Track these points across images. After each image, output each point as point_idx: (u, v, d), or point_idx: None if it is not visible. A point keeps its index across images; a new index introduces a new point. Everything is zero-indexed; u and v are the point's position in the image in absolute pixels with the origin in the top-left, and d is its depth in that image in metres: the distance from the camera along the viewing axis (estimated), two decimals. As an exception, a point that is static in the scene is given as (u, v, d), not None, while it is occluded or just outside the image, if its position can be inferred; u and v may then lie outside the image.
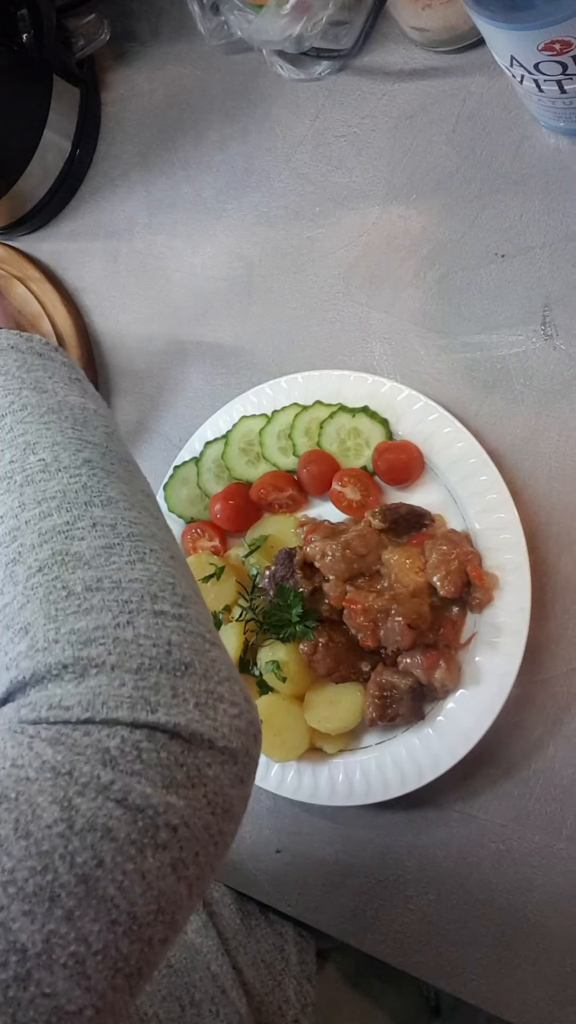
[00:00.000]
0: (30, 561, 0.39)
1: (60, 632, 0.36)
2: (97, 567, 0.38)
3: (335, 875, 0.70)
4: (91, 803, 0.32)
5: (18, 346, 0.49)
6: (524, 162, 0.66)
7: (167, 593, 0.39)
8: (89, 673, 0.35)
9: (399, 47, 0.71)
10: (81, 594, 0.37)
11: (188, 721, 0.35)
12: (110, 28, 0.83)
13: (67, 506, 0.41)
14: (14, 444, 0.43)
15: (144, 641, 0.36)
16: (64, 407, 0.46)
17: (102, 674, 0.35)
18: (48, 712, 0.34)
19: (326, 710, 0.67)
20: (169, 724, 0.34)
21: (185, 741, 0.34)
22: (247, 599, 0.70)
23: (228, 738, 0.36)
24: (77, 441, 0.44)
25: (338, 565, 0.65)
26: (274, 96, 0.77)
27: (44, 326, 0.86)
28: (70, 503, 0.41)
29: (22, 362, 0.48)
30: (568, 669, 0.63)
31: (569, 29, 0.49)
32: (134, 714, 0.34)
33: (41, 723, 0.34)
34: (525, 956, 0.63)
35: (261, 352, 0.77)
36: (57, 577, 0.38)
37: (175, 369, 0.82)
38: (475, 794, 0.65)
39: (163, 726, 0.34)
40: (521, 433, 0.66)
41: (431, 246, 0.70)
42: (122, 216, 0.85)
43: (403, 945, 0.67)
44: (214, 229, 0.80)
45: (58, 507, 0.41)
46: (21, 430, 0.44)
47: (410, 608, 0.63)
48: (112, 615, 0.37)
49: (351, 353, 0.73)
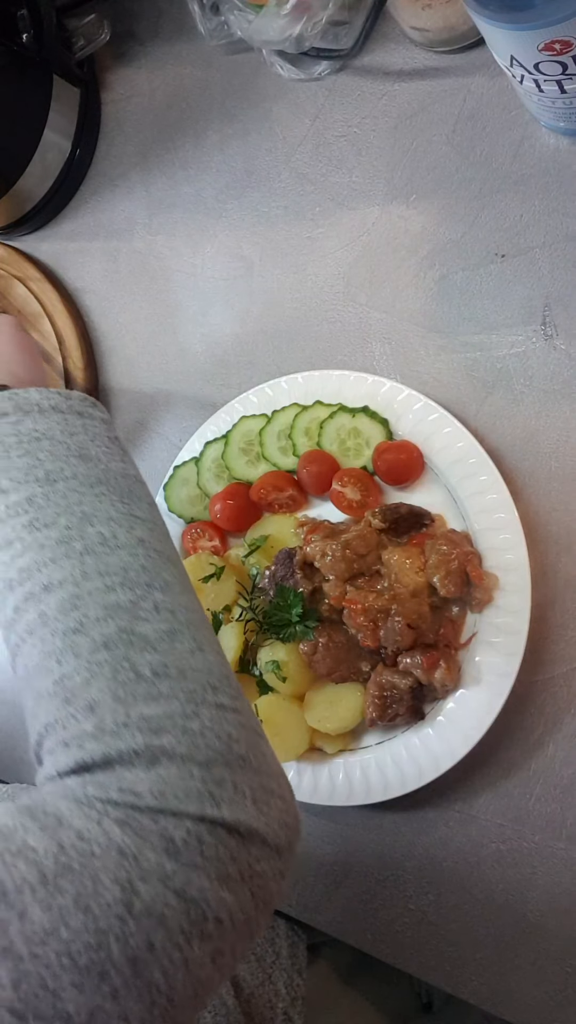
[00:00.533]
0: (94, 635, 0.39)
1: (130, 717, 0.37)
2: (163, 652, 0.39)
3: (335, 875, 0.70)
4: (152, 890, 0.33)
5: (59, 407, 0.50)
6: (524, 162, 0.66)
7: (225, 685, 0.40)
8: (160, 762, 0.36)
9: (399, 47, 0.71)
10: (150, 679, 0.38)
11: (247, 818, 0.36)
12: (110, 28, 0.83)
13: (130, 585, 0.41)
14: (71, 512, 0.44)
15: (209, 733, 0.37)
16: (110, 477, 0.47)
17: (172, 764, 0.36)
18: (119, 795, 0.35)
19: (326, 710, 0.67)
20: (230, 820, 0.36)
21: (241, 837, 0.36)
22: (247, 599, 0.70)
23: (277, 834, 0.37)
24: (128, 517, 0.45)
25: (338, 565, 0.65)
26: (274, 96, 0.77)
27: (44, 326, 0.86)
28: (132, 582, 0.41)
29: (65, 425, 0.49)
30: (568, 669, 0.63)
31: (569, 29, 0.49)
32: (201, 808, 0.35)
33: (109, 803, 0.35)
34: (525, 956, 0.63)
35: (261, 352, 0.77)
36: (125, 657, 0.39)
37: (175, 369, 0.82)
38: (475, 794, 0.65)
39: (224, 821, 0.35)
40: (521, 433, 0.66)
41: (431, 246, 0.70)
42: (122, 216, 0.85)
43: (403, 945, 0.67)
44: (214, 229, 0.80)
45: (121, 584, 0.41)
46: (76, 499, 0.45)
47: (410, 608, 0.63)
48: (180, 704, 0.38)
49: (351, 353, 0.73)
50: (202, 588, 0.71)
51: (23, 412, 0.49)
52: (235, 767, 0.37)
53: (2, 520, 0.44)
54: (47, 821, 0.35)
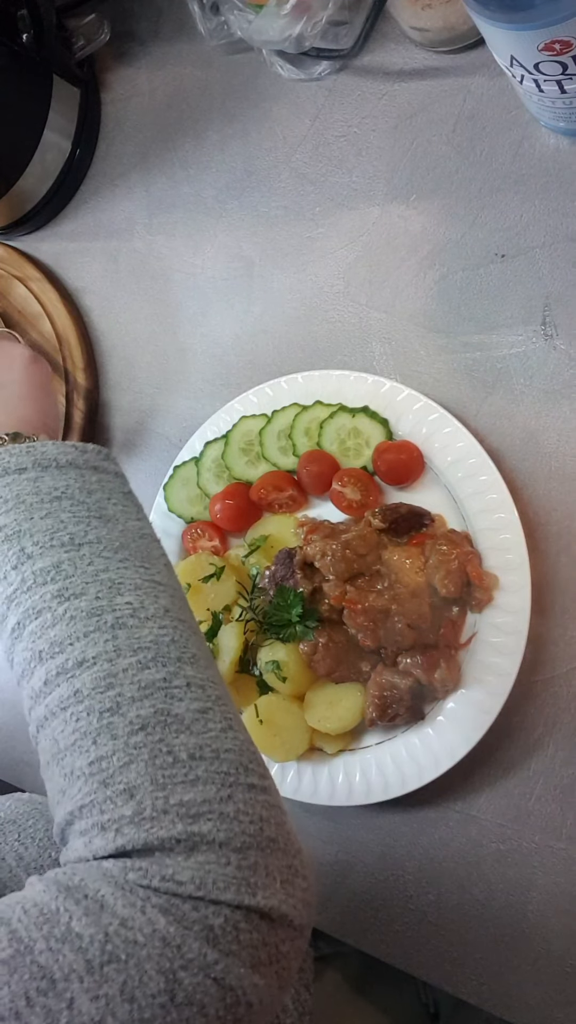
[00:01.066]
0: (131, 716, 0.40)
1: (169, 803, 0.37)
2: (197, 733, 0.40)
3: (335, 875, 0.70)
4: (193, 979, 0.34)
5: (76, 462, 0.50)
6: (524, 162, 0.66)
7: (255, 764, 0.41)
8: (199, 849, 0.37)
9: (399, 47, 0.71)
10: (187, 762, 0.39)
11: (277, 902, 0.37)
12: (110, 28, 0.83)
13: (162, 660, 0.42)
14: (99, 580, 0.44)
15: (243, 817, 0.38)
16: (130, 539, 0.47)
17: (211, 852, 0.37)
18: (160, 883, 0.36)
19: (326, 710, 0.67)
20: (264, 906, 0.37)
21: (272, 921, 0.37)
22: (247, 599, 0.70)
23: (301, 915, 0.38)
24: (152, 584, 0.45)
25: (338, 565, 0.65)
26: (274, 96, 0.77)
27: (44, 326, 0.86)
28: (164, 657, 0.42)
29: (82, 482, 0.49)
30: (568, 669, 0.63)
31: (569, 29, 0.49)
32: (239, 896, 0.36)
33: (151, 890, 0.36)
34: (525, 956, 0.63)
35: (261, 352, 0.77)
36: (162, 740, 0.39)
37: (175, 369, 0.82)
38: (475, 794, 0.65)
39: (259, 908, 0.36)
40: (521, 433, 0.66)
41: (431, 246, 0.70)
42: (122, 216, 0.85)
43: (403, 945, 0.67)
44: (214, 229, 0.80)
45: (154, 660, 0.41)
46: (103, 565, 0.45)
47: (410, 608, 0.63)
48: (216, 788, 0.38)
49: (351, 353, 0.73)
50: (202, 588, 0.71)
51: (42, 468, 0.48)
52: (267, 850, 0.38)
53: (30, 588, 0.44)
54: (90, 906, 0.35)
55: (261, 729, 0.68)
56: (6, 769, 0.89)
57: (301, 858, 0.40)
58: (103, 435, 0.85)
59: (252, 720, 0.68)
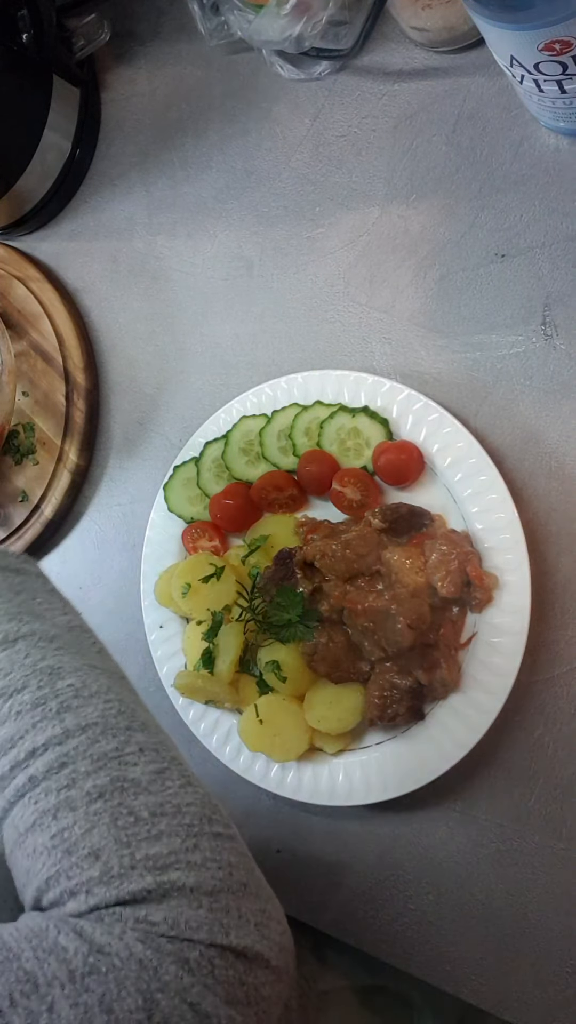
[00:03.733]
0: (87, 787, 0.40)
1: (136, 858, 0.38)
2: (156, 792, 0.41)
3: (335, 875, 0.70)
4: (170, 1002, 0.35)
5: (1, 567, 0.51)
6: (524, 162, 0.66)
7: (217, 816, 0.42)
8: (171, 895, 0.38)
9: (399, 47, 0.71)
10: (148, 819, 0.40)
11: (252, 943, 0.38)
12: (110, 28, 0.83)
13: (112, 732, 0.43)
14: (37, 670, 0.45)
15: (211, 864, 0.39)
16: (60, 630, 0.49)
17: (182, 896, 0.38)
18: (135, 924, 0.37)
19: (326, 710, 0.67)
20: (238, 946, 0.37)
21: (248, 961, 0.38)
22: (247, 599, 0.70)
23: (278, 957, 0.39)
24: (88, 667, 0.46)
25: (338, 565, 0.65)
26: (274, 96, 0.77)
27: (44, 326, 0.86)
28: (113, 729, 0.43)
29: (8, 583, 0.50)
30: (568, 669, 0.63)
31: (569, 29, 0.49)
32: (212, 936, 0.37)
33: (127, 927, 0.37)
34: (525, 956, 0.63)
35: (261, 352, 0.77)
36: (121, 803, 0.40)
37: (175, 369, 0.82)
38: (475, 794, 0.65)
39: (233, 947, 0.37)
40: (521, 433, 0.66)
41: (431, 246, 0.70)
42: (122, 216, 0.85)
43: (403, 945, 0.67)
44: (214, 229, 0.80)
45: (103, 733, 0.43)
46: (39, 655, 0.46)
47: (410, 608, 0.63)
48: (181, 839, 0.39)
49: (351, 353, 0.73)
50: (202, 588, 0.71)
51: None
52: (238, 894, 0.39)
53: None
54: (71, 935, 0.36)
55: (261, 729, 0.68)
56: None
57: (274, 903, 0.41)
58: (103, 435, 0.85)
59: (252, 720, 0.68)
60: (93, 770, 0.41)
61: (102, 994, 0.35)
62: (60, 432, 0.85)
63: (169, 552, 0.76)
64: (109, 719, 0.43)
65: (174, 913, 0.37)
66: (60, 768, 0.41)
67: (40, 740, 0.42)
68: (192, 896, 0.38)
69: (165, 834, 0.39)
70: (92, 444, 0.86)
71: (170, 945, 0.36)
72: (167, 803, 0.40)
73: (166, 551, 0.76)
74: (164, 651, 0.75)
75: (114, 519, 0.84)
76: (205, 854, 0.39)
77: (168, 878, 0.38)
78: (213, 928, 0.37)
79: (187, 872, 0.38)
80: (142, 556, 0.77)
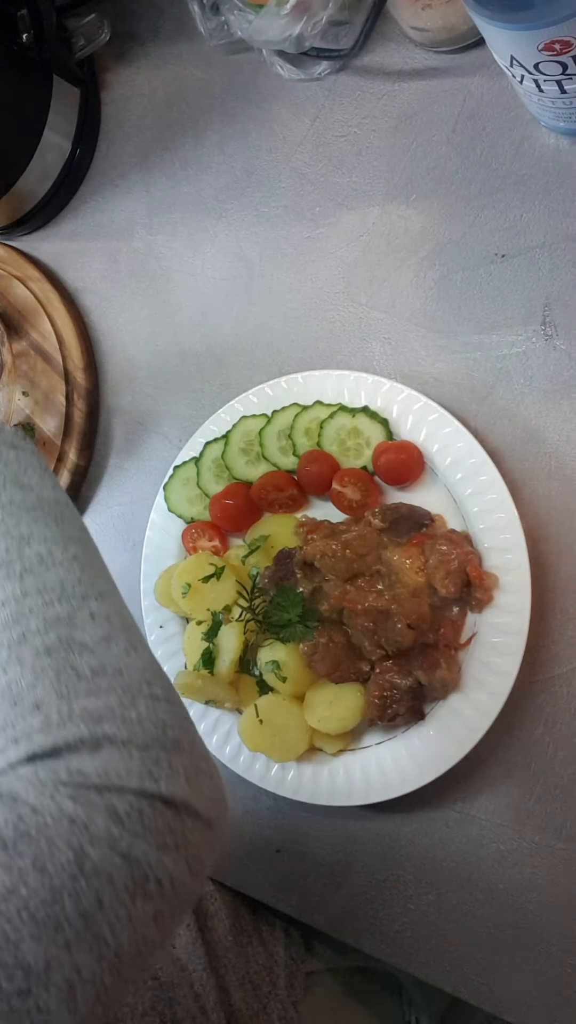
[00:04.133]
0: (37, 644, 0.43)
1: (74, 710, 0.41)
2: (100, 654, 0.43)
3: (335, 875, 0.70)
4: (100, 852, 0.37)
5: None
6: (524, 162, 0.66)
7: (157, 680, 0.44)
8: (103, 746, 0.40)
9: (399, 47, 0.71)
10: (90, 677, 0.42)
11: (181, 793, 0.40)
12: (110, 28, 0.83)
13: (67, 598, 0.45)
14: (8, 535, 0.47)
15: (145, 721, 0.41)
16: (44, 503, 0.50)
17: (114, 748, 0.40)
18: (67, 776, 0.39)
19: (326, 710, 0.67)
20: (167, 794, 0.39)
21: (177, 809, 0.40)
22: (247, 599, 0.70)
23: (208, 808, 0.41)
24: (63, 538, 0.49)
25: (338, 565, 0.65)
26: (274, 96, 0.77)
27: (44, 326, 0.86)
28: (69, 596, 0.45)
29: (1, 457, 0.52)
30: (568, 669, 0.63)
31: (569, 29, 0.49)
32: (141, 784, 0.39)
33: (60, 783, 0.39)
34: (525, 956, 0.63)
35: (261, 352, 0.77)
36: (66, 660, 0.42)
37: (175, 369, 0.82)
38: (475, 794, 0.65)
39: (162, 796, 0.39)
40: (521, 433, 0.66)
41: (431, 246, 0.70)
42: (122, 216, 0.85)
43: (403, 945, 0.67)
44: (214, 229, 0.80)
45: (59, 598, 0.45)
46: (13, 523, 0.48)
47: (410, 608, 0.63)
48: (118, 697, 0.42)
49: (351, 353, 0.73)
50: (202, 588, 0.71)
51: None
52: (170, 749, 0.41)
53: None
54: (5, 800, 0.38)
55: (261, 729, 0.68)
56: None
57: (207, 762, 0.43)
58: (103, 435, 0.85)
59: (252, 720, 0.68)
60: (44, 629, 0.43)
61: (34, 856, 0.36)
62: (60, 432, 0.85)
63: (169, 552, 0.76)
64: (68, 587, 0.45)
65: (105, 763, 0.39)
66: (14, 624, 0.43)
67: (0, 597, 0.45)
68: (124, 748, 0.40)
69: (103, 691, 0.41)
70: (92, 444, 0.86)
71: (100, 799, 0.38)
72: (109, 664, 0.43)
73: (166, 551, 0.76)
74: (164, 651, 0.75)
75: (114, 519, 0.84)
76: (140, 712, 0.41)
77: (102, 730, 0.40)
78: (143, 776, 0.39)
79: (121, 726, 0.40)
80: (142, 556, 0.77)
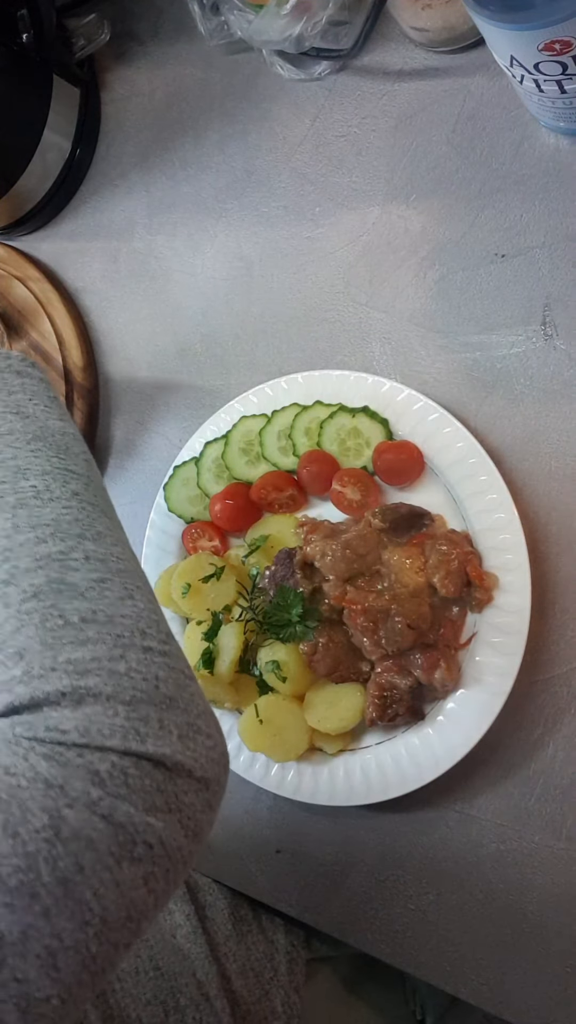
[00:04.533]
0: (24, 585, 0.40)
1: (57, 660, 0.38)
2: (91, 599, 0.40)
3: (335, 875, 0.70)
4: (78, 815, 0.35)
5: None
6: (524, 162, 0.66)
7: (153, 630, 0.41)
8: (86, 701, 0.37)
9: (399, 47, 0.71)
10: (78, 625, 0.39)
11: (172, 752, 0.37)
12: (110, 28, 0.83)
13: (61, 536, 0.42)
14: (4, 466, 0.45)
15: (135, 675, 0.38)
16: (47, 433, 0.47)
17: (97, 704, 0.37)
18: (45, 733, 0.36)
19: (326, 710, 0.67)
20: (155, 754, 0.37)
21: (167, 769, 0.37)
22: (247, 599, 0.70)
23: (204, 768, 0.39)
24: (64, 471, 0.46)
25: (338, 565, 0.65)
26: (274, 96, 0.77)
27: (44, 326, 0.86)
28: (64, 533, 0.42)
29: (2, 383, 0.49)
30: (568, 669, 0.63)
31: (569, 29, 0.49)
32: (125, 743, 0.36)
33: (36, 740, 0.36)
34: (525, 956, 0.63)
35: (261, 352, 0.77)
36: (53, 605, 0.39)
37: (175, 369, 0.82)
38: (475, 794, 0.65)
39: (149, 755, 0.37)
40: (521, 433, 0.66)
41: (431, 246, 0.70)
42: (122, 216, 0.85)
43: (403, 945, 0.67)
44: (214, 229, 0.80)
45: (52, 535, 0.42)
46: (11, 454, 0.45)
47: (410, 608, 0.63)
48: (106, 648, 0.39)
49: (351, 353, 0.73)
50: (202, 588, 0.71)
51: None
52: (161, 706, 0.38)
53: None
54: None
55: (261, 729, 0.68)
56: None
57: (207, 719, 0.40)
58: (103, 435, 0.85)
59: (252, 720, 0.68)
60: (33, 568, 0.40)
61: (5, 820, 0.34)
62: None
63: (169, 552, 0.76)
64: (62, 524, 0.42)
65: (86, 720, 0.36)
66: (2, 562, 0.41)
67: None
68: (108, 703, 0.37)
69: (92, 641, 0.39)
70: (92, 444, 0.86)
71: (79, 759, 0.36)
72: (100, 611, 0.40)
73: (166, 551, 0.76)
74: (164, 651, 0.75)
75: (114, 519, 0.84)
76: (131, 664, 0.38)
77: (86, 683, 0.37)
78: (128, 736, 0.37)
79: (107, 679, 0.38)
80: (142, 556, 0.77)
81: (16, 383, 0.49)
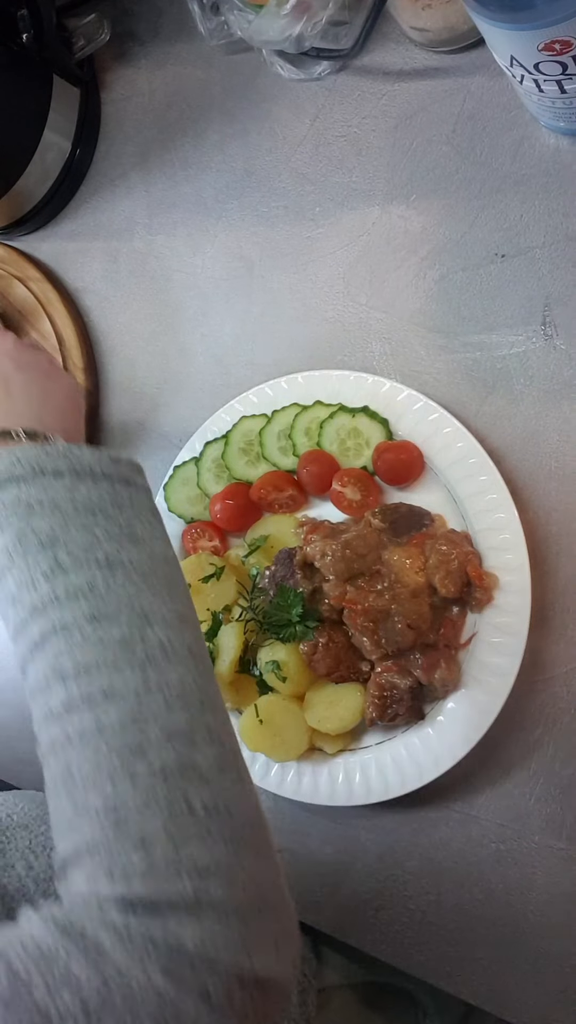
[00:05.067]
0: (153, 760, 0.39)
1: (180, 857, 0.38)
2: (214, 786, 0.40)
3: (335, 875, 0.70)
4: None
5: (110, 473, 0.48)
6: (524, 162, 0.66)
7: (259, 820, 0.41)
8: (204, 912, 0.37)
9: (399, 47, 0.71)
10: (202, 817, 0.39)
11: (270, 967, 0.38)
12: (110, 28, 0.83)
13: (185, 705, 0.42)
14: (131, 608, 0.44)
15: (250, 884, 0.39)
16: (156, 563, 0.46)
17: (215, 914, 0.37)
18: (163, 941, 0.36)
19: (326, 710, 0.67)
20: (259, 973, 0.38)
21: (263, 987, 0.38)
22: (247, 599, 0.70)
23: (289, 978, 0.39)
24: (179, 618, 0.45)
25: (338, 565, 0.65)
26: (274, 96, 0.77)
27: (44, 326, 0.86)
28: (187, 702, 0.42)
29: (114, 496, 0.47)
30: (568, 669, 0.63)
31: (569, 29, 0.49)
32: (236, 960, 0.37)
33: (152, 943, 0.36)
34: (525, 956, 0.63)
35: (261, 352, 0.77)
36: (180, 789, 0.39)
37: (175, 369, 0.82)
38: (475, 794, 0.65)
39: (255, 976, 0.37)
40: (521, 433, 0.66)
41: (431, 246, 0.70)
42: (122, 216, 0.85)
43: (403, 945, 0.67)
44: (214, 229, 0.80)
45: (180, 703, 0.41)
46: (134, 591, 0.44)
47: (410, 608, 0.63)
48: (225, 848, 0.39)
49: (351, 353, 0.73)
50: (202, 588, 0.71)
51: (77, 476, 0.47)
52: (267, 916, 0.39)
53: (60, 602, 0.43)
54: (89, 950, 0.36)
55: (261, 729, 0.68)
56: (5, 768, 0.89)
57: (293, 920, 0.41)
58: (103, 435, 0.85)
59: (252, 720, 0.68)
60: (163, 742, 0.40)
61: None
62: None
63: (169, 552, 0.76)
64: (186, 689, 0.42)
65: (203, 932, 0.37)
66: (132, 726, 0.40)
67: (119, 685, 0.41)
68: (225, 917, 0.37)
69: (213, 837, 0.38)
70: (92, 444, 0.86)
71: (193, 976, 0.36)
72: (221, 801, 0.40)
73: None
74: (164, 651, 0.75)
75: (114, 519, 0.84)
76: (247, 871, 0.39)
77: (207, 890, 0.37)
78: (239, 952, 0.37)
79: (227, 889, 0.38)
80: (142, 556, 0.77)
81: (125, 496, 0.48)
